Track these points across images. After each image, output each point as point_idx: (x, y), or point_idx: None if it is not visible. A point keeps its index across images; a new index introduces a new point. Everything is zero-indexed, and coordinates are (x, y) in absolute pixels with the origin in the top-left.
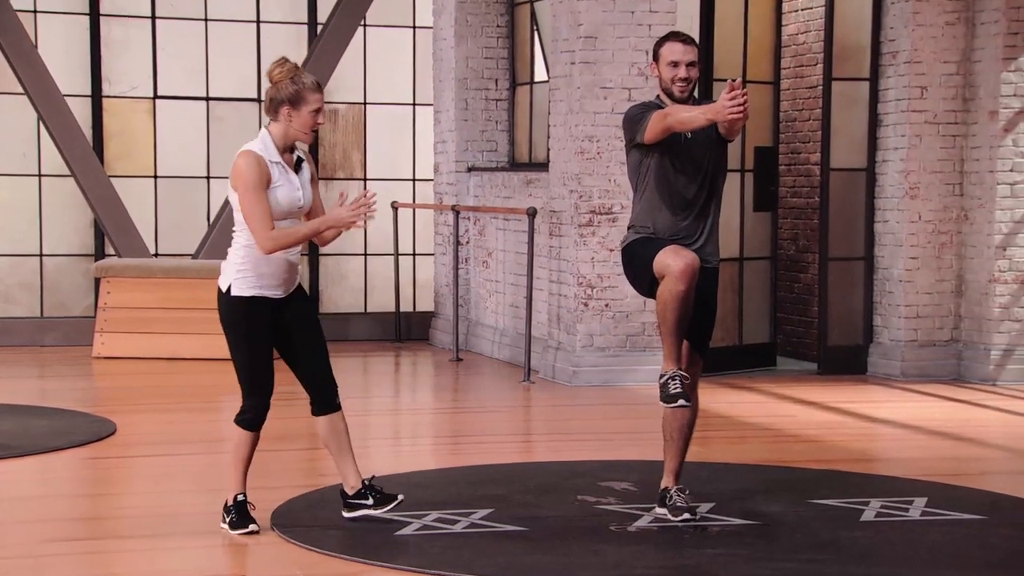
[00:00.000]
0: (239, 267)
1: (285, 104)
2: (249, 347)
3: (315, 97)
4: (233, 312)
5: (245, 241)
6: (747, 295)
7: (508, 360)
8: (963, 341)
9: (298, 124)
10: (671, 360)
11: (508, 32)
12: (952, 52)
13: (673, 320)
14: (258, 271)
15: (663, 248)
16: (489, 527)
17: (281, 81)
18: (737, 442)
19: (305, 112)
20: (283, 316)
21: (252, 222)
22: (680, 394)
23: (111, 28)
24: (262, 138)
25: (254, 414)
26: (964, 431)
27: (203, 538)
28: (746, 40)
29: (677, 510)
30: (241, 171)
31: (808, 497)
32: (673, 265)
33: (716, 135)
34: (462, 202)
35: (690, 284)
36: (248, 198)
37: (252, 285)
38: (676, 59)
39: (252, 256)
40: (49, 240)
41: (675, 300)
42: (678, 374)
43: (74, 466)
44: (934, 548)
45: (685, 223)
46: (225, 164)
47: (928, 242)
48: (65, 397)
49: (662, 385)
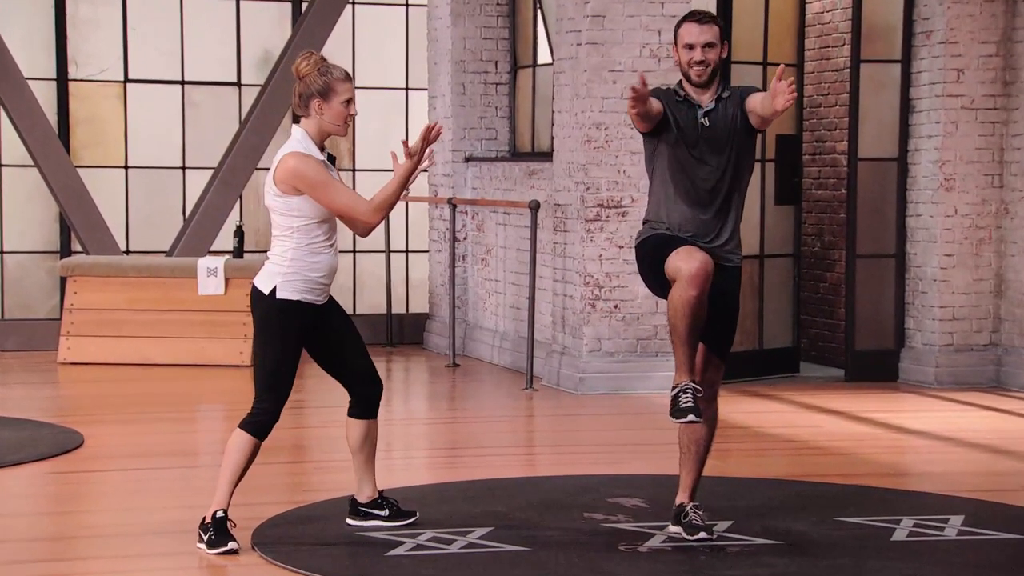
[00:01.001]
0: (286, 271)
1: (315, 97)
2: (282, 349)
3: (345, 87)
4: (274, 312)
5: (295, 244)
6: (768, 295)
7: (509, 366)
8: (1002, 345)
9: (330, 116)
10: (683, 371)
11: (509, 11)
12: (991, 31)
13: (684, 328)
14: (305, 275)
15: (677, 248)
16: (488, 547)
17: (309, 74)
18: (757, 455)
19: (336, 103)
20: (327, 321)
21: (348, 206)
22: (691, 408)
23: (78, 6)
24: (299, 138)
25: (266, 419)
26: (1003, 443)
27: (177, 559)
28: (767, 19)
29: (693, 528)
30: (302, 172)
31: (834, 514)
32: (684, 268)
33: (744, 123)
34: (459, 195)
35: (702, 289)
36: (327, 191)
37: (298, 289)
38: (691, 41)
39: (301, 260)
40: (10, 236)
41: (686, 306)
42: (690, 387)
43: (37, 481)
44: (972, 570)
45: (703, 217)
46: (201, 153)
47: (965, 238)
48: (27, 406)
49: (672, 398)
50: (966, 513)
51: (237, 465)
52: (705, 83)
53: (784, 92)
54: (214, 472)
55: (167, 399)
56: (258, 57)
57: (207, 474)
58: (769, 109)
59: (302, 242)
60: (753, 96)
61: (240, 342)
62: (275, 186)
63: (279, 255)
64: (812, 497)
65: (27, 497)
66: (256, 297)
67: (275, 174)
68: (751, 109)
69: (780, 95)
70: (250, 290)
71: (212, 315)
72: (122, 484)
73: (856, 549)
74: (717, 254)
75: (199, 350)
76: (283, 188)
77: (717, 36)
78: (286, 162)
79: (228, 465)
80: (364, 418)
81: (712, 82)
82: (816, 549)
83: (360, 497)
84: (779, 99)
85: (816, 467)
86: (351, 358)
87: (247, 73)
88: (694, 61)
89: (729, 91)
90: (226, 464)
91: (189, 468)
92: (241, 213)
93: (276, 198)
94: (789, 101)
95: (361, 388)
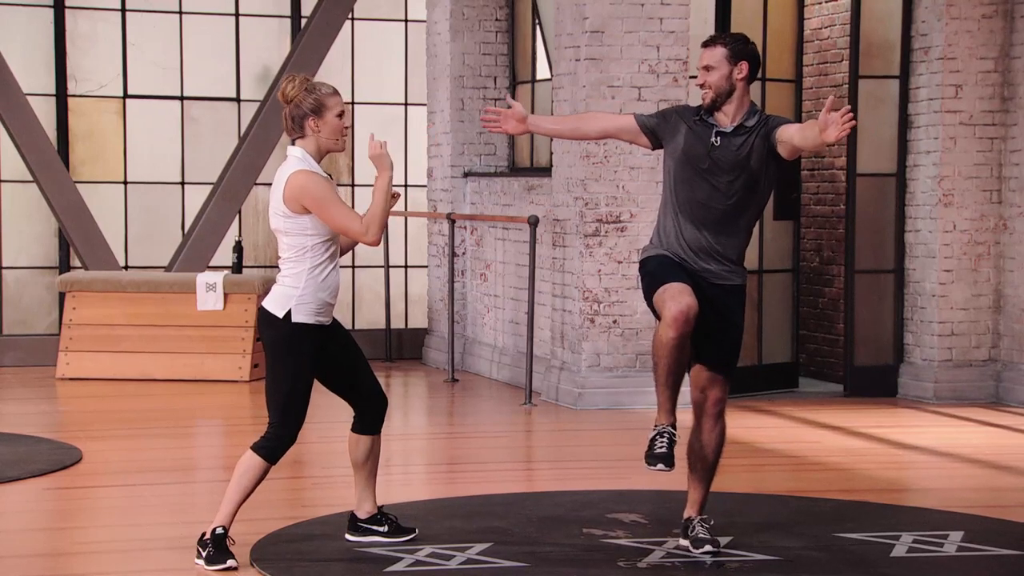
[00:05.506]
0: (300, 294)
1: (308, 116)
2: (300, 374)
3: (335, 100)
4: (293, 339)
5: (309, 265)
6: (767, 311)
7: (508, 381)
8: (1001, 361)
9: (327, 132)
10: (662, 412)
11: (508, 26)
12: (989, 47)
13: (663, 368)
14: (317, 296)
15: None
16: (487, 563)
17: (297, 95)
18: (756, 470)
19: (330, 117)
20: (333, 341)
21: (347, 225)
22: (664, 456)
23: (77, 21)
24: (300, 156)
25: (280, 444)
26: (1003, 459)
27: (175, 575)
28: (765, 34)
29: (699, 542)
30: (308, 188)
31: (834, 530)
32: (668, 309)
33: (768, 153)
34: (458, 210)
35: (682, 332)
36: (331, 209)
37: (312, 312)
38: (699, 63)
39: (313, 282)
40: (9, 251)
41: (664, 347)
42: (667, 431)
43: (35, 497)
44: None
45: (703, 238)
46: (200, 169)
47: (963, 254)
48: (26, 422)
49: (649, 441)
50: (965, 529)
51: (245, 488)
52: (712, 106)
53: (838, 124)
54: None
55: (165, 414)
56: (257, 73)
57: (205, 490)
58: (815, 141)
59: (315, 262)
60: (786, 128)
61: (239, 357)
62: (284, 206)
63: (293, 277)
64: (811, 513)
65: (25, 513)
66: (267, 321)
67: (283, 194)
68: (782, 140)
69: (833, 127)
70: (258, 313)
71: (211, 330)
72: (120, 500)
73: (855, 565)
74: (715, 272)
75: (198, 365)
76: (292, 207)
77: (719, 59)
78: (294, 180)
79: (236, 486)
80: (368, 433)
81: (725, 104)
82: (815, 565)
83: (360, 513)
84: (831, 131)
85: (815, 483)
86: (357, 376)
87: (246, 89)
88: (697, 84)
89: (757, 120)
90: (234, 484)
91: (187, 484)
92: (240, 228)
93: (286, 219)
94: (845, 131)
95: (367, 404)
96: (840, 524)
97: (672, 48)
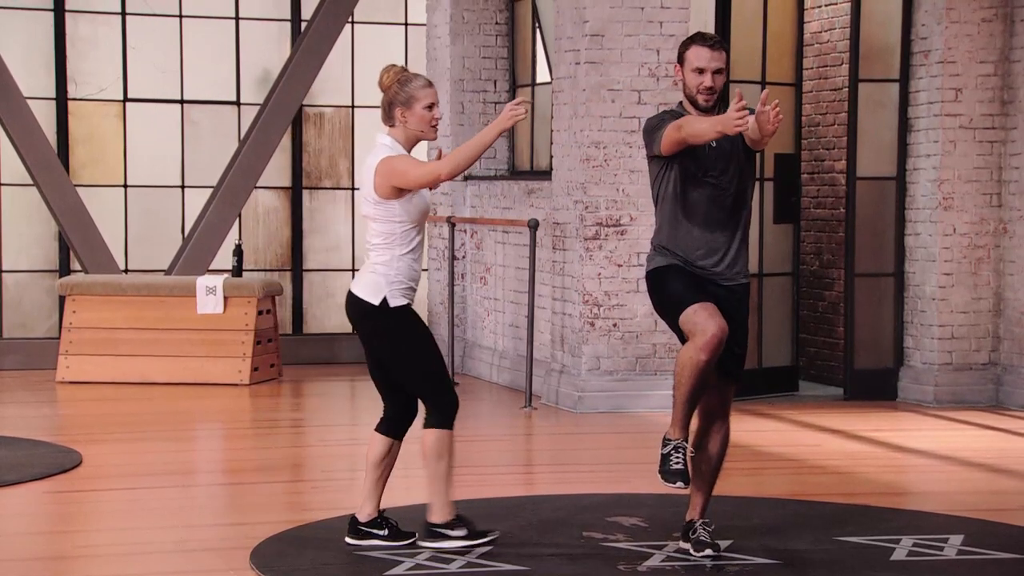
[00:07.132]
0: (392, 279)
1: (397, 107)
2: (428, 348)
3: (426, 93)
4: (400, 323)
5: (400, 252)
6: (767, 314)
7: (508, 384)
8: (1002, 364)
9: (414, 123)
10: (678, 427)
11: (508, 30)
12: (989, 51)
13: (688, 387)
14: (410, 277)
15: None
16: (487, 566)
17: (390, 87)
18: (756, 474)
19: (419, 109)
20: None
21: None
22: (680, 473)
23: (77, 25)
24: (389, 143)
25: (451, 410)
26: (1003, 462)
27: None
28: (765, 38)
29: (700, 545)
30: (394, 165)
31: (834, 534)
32: (701, 332)
33: (743, 144)
34: (458, 213)
35: (713, 355)
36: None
37: (405, 295)
38: (702, 66)
39: (404, 266)
40: (9, 254)
41: (695, 368)
42: (683, 446)
43: (35, 500)
44: None
45: (713, 237)
46: (200, 172)
47: (963, 257)
48: (26, 425)
49: (663, 456)
50: (966, 532)
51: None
52: (711, 108)
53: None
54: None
55: (166, 418)
56: (257, 76)
57: (205, 493)
58: (758, 133)
59: (404, 249)
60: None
61: (239, 361)
62: (374, 193)
63: (384, 263)
64: (811, 516)
65: (25, 516)
66: (363, 311)
67: (374, 181)
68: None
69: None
70: (348, 298)
71: (211, 334)
72: (120, 503)
73: (856, 568)
74: (726, 275)
75: (198, 369)
76: (383, 192)
77: (725, 61)
78: (382, 167)
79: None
80: (392, 437)
81: (716, 107)
82: (815, 568)
83: (361, 515)
84: (765, 127)
85: (815, 486)
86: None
87: (246, 92)
88: (704, 87)
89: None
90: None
91: (187, 487)
92: (240, 232)
93: (376, 206)
94: (775, 124)
95: (402, 408)
96: (840, 527)
97: (672, 51)
